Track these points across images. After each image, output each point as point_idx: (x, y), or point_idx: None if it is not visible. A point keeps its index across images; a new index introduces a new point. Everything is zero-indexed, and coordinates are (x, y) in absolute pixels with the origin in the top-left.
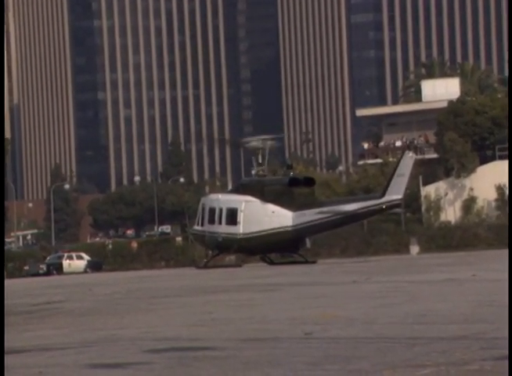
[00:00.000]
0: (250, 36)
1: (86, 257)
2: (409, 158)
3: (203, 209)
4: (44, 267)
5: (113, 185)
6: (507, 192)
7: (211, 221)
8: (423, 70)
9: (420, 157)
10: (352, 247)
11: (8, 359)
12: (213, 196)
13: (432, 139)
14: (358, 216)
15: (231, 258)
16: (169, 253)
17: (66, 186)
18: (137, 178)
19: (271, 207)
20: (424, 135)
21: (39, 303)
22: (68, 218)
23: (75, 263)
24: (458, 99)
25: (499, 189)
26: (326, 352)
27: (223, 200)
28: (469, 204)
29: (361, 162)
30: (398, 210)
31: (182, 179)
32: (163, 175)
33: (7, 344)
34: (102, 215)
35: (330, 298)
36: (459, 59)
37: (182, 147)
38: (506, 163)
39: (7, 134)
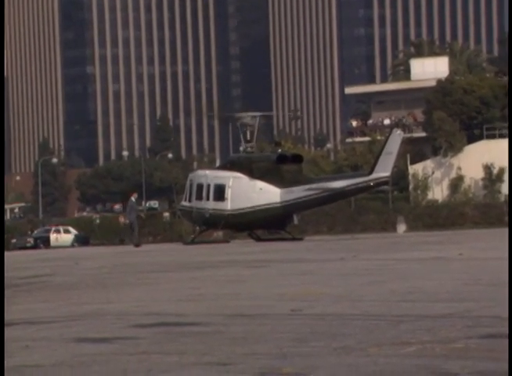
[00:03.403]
0: (239, 13)
1: (73, 231)
2: (397, 136)
3: (190, 185)
4: (31, 240)
5: (101, 159)
6: (494, 171)
7: (199, 197)
8: (412, 49)
9: (407, 135)
10: (339, 225)
11: None
12: (201, 172)
13: (420, 117)
14: (347, 193)
15: (218, 233)
16: (156, 228)
17: (54, 160)
18: (125, 153)
19: (259, 183)
20: (412, 113)
21: (26, 276)
22: (56, 192)
23: (62, 237)
24: (447, 78)
25: (487, 168)
26: (312, 328)
27: (211, 176)
28: (456, 182)
29: (349, 140)
30: (385, 187)
31: (170, 155)
32: (151, 151)
33: None
34: (89, 190)
35: (317, 275)
36: (448, 38)
37: (171, 123)
38: (493, 142)
39: None
